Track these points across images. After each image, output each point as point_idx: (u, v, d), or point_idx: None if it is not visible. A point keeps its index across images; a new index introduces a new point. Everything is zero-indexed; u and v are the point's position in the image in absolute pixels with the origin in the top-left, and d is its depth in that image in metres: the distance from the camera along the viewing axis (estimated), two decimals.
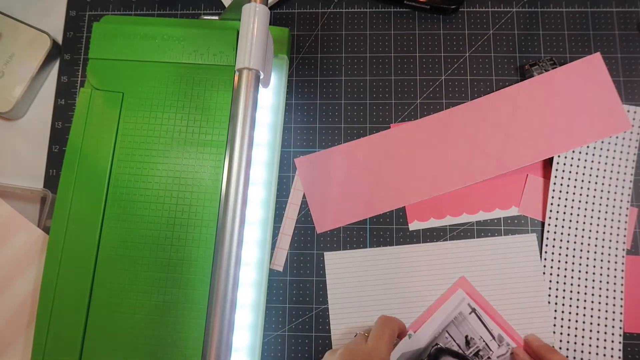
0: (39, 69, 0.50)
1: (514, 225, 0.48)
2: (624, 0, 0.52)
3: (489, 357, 0.44)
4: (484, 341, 0.45)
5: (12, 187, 0.49)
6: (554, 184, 0.48)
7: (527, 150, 0.47)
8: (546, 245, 0.47)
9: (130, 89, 0.46)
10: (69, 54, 0.53)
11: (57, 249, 0.44)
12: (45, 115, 0.52)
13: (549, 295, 0.46)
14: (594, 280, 0.46)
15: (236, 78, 0.39)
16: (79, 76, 0.53)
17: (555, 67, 0.48)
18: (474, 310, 0.45)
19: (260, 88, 0.41)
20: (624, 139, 0.48)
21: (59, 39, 0.53)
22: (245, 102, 0.38)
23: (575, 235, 0.47)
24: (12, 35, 0.51)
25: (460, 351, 0.44)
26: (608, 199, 0.47)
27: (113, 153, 0.45)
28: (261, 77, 0.40)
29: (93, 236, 0.44)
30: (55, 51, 0.52)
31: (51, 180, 0.50)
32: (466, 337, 0.45)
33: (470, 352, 0.44)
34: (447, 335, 0.45)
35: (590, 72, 0.48)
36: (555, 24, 0.52)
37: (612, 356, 0.45)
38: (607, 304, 0.46)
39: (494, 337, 0.45)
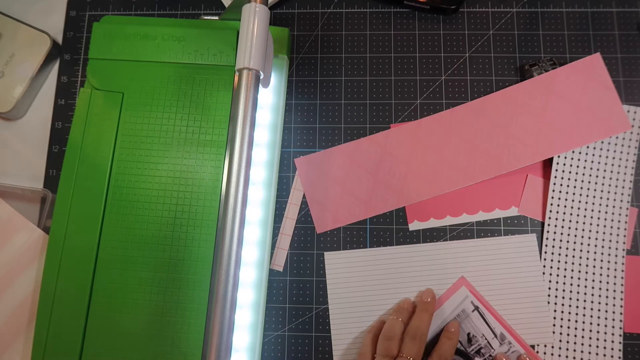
0: (39, 69, 0.50)
1: (513, 226, 0.48)
2: (624, 0, 0.52)
3: (490, 355, 0.44)
4: (485, 339, 0.45)
5: (12, 187, 0.49)
6: (554, 184, 0.48)
7: (527, 151, 0.47)
8: (546, 245, 0.47)
9: (130, 89, 0.46)
10: (69, 54, 0.53)
11: (57, 249, 0.44)
12: (45, 115, 0.52)
13: (549, 296, 0.46)
14: (593, 281, 0.46)
15: (236, 78, 0.39)
16: (79, 76, 0.53)
17: (555, 67, 0.48)
18: (477, 308, 0.45)
19: (260, 88, 0.41)
20: (624, 139, 0.48)
21: (59, 39, 0.53)
22: (245, 102, 0.38)
23: (575, 236, 0.47)
24: (12, 35, 0.51)
25: (462, 348, 0.44)
26: (608, 199, 0.47)
27: (113, 153, 0.45)
28: (261, 77, 0.40)
29: (93, 236, 0.44)
30: (55, 51, 0.52)
31: (51, 180, 0.50)
32: (468, 334, 0.45)
33: (472, 350, 0.44)
34: None
35: (590, 73, 0.48)
36: (555, 24, 0.52)
37: (612, 356, 0.45)
38: (607, 304, 0.46)
39: (496, 336, 0.45)
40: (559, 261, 0.47)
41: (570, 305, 0.46)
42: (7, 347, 0.45)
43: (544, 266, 0.47)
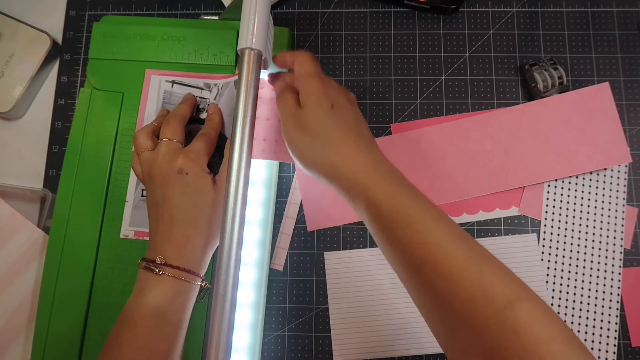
0: (38, 69, 0.50)
1: (514, 225, 0.48)
2: (624, 0, 0.52)
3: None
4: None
5: (12, 187, 0.49)
6: (548, 185, 0.48)
7: (525, 171, 0.47)
8: (543, 246, 0.47)
9: (130, 89, 0.46)
10: (69, 54, 0.53)
11: (57, 249, 0.44)
12: (45, 115, 0.52)
13: (552, 298, 0.46)
14: (590, 282, 0.46)
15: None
16: (79, 76, 0.53)
17: (556, 67, 0.48)
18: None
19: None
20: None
21: (59, 39, 0.53)
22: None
23: (572, 237, 0.47)
24: (12, 35, 0.51)
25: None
26: (603, 202, 0.47)
27: (113, 153, 0.45)
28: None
29: (93, 236, 0.44)
30: (55, 51, 0.52)
31: (51, 180, 0.50)
32: (198, 105, 0.46)
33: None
34: None
35: (597, 101, 0.48)
36: (555, 24, 0.52)
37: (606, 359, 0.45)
38: (603, 306, 0.46)
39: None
40: (555, 262, 0.47)
41: (573, 308, 0.46)
42: (7, 347, 0.45)
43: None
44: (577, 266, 0.46)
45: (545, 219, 0.47)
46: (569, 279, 0.46)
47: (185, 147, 0.40)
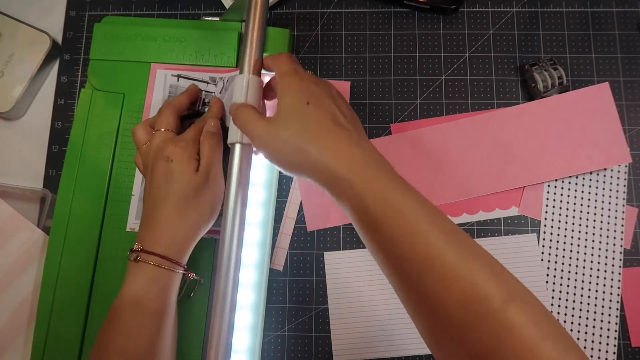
0: (38, 68, 0.50)
1: (514, 225, 0.48)
2: (624, 0, 0.52)
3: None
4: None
5: (12, 187, 0.49)
6: (548, 185, 0.48)
7: (525, 172, 0.47)
8: (542, 246, 0.47)
9: (131, 89, 0.46)
10: (69, 54, 0.53)
11: (57, 249, 0.44)
12: (45, 115, 0.52)
13: (552, 298, 0.46)
14: (590, 282, 0.46)
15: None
16: (79, 76, 0.52)
17: (555, 67, 0.48)
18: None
19: None
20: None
21: (59, 39, 0.53)
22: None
23: (572, 237, 0.47)
24: (12, 35, 0.51)
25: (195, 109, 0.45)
26: (603, 202, 0.47)
27: (114, 154, 0.45)
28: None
29: (93, 236, 0.44)
30: (55, 51, 0.52)
31: (51, 180, 0.50)
32: (203, 99, 0.46)
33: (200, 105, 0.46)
34: None
35: (597, 101, 0.47)
36: (555, 24, 0.52)
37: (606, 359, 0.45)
38: (603, 306, 0.46)
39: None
40: (555, 262, 0.47)
41: (573, 308, 0.46)
42: (7, 347, 0.45)
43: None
44: (577, 266, 0.46)
45: (545, 219, 0.47)
46: (569, 279, 0.46)
47: (178, 136, 0.40)
